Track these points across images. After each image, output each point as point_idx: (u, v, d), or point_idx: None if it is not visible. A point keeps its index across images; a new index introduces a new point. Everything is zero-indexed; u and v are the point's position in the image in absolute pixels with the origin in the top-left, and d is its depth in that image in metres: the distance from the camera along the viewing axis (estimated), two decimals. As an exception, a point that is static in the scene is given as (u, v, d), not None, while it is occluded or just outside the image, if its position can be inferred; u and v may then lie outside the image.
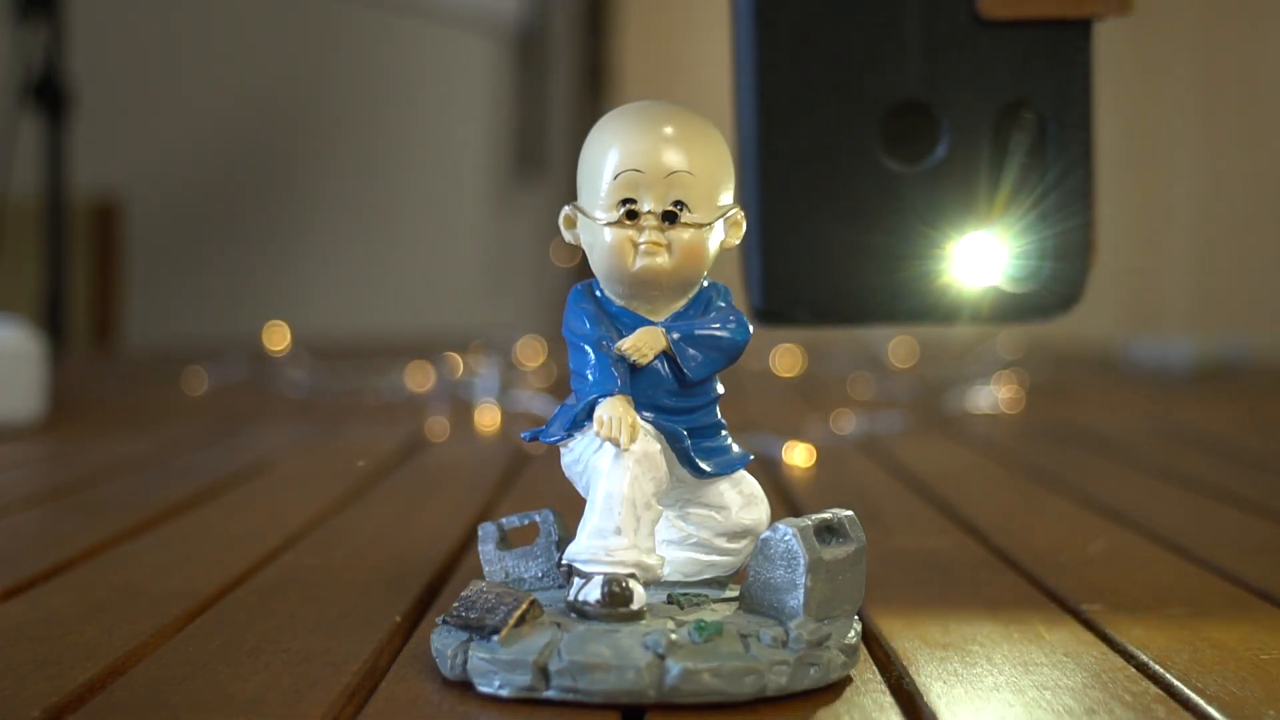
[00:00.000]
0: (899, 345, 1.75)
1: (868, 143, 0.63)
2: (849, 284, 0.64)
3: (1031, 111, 0.63)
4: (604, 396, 0.44)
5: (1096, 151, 0.64)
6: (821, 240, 0.64)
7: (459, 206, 3.26)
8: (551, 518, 0.49)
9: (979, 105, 0.63)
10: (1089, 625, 0.51)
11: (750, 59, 0.64)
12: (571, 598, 0.44)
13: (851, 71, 0.64)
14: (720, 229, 0.46)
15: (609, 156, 0.45)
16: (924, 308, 0.64)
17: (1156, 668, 0.45)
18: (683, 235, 0.45)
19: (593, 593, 0.43)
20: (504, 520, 0.50)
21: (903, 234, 0.63)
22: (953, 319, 0.64)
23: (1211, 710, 0.41)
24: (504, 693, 0.42)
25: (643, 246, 0.45)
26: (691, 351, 0.46)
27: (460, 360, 1.55)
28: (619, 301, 0.46)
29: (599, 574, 0.44)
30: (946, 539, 0.69)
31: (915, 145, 0.64)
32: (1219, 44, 2.56)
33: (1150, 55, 2.57)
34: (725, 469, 0.47)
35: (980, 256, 0.64)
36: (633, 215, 0.45)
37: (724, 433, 0.48)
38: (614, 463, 0.44)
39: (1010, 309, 0.64)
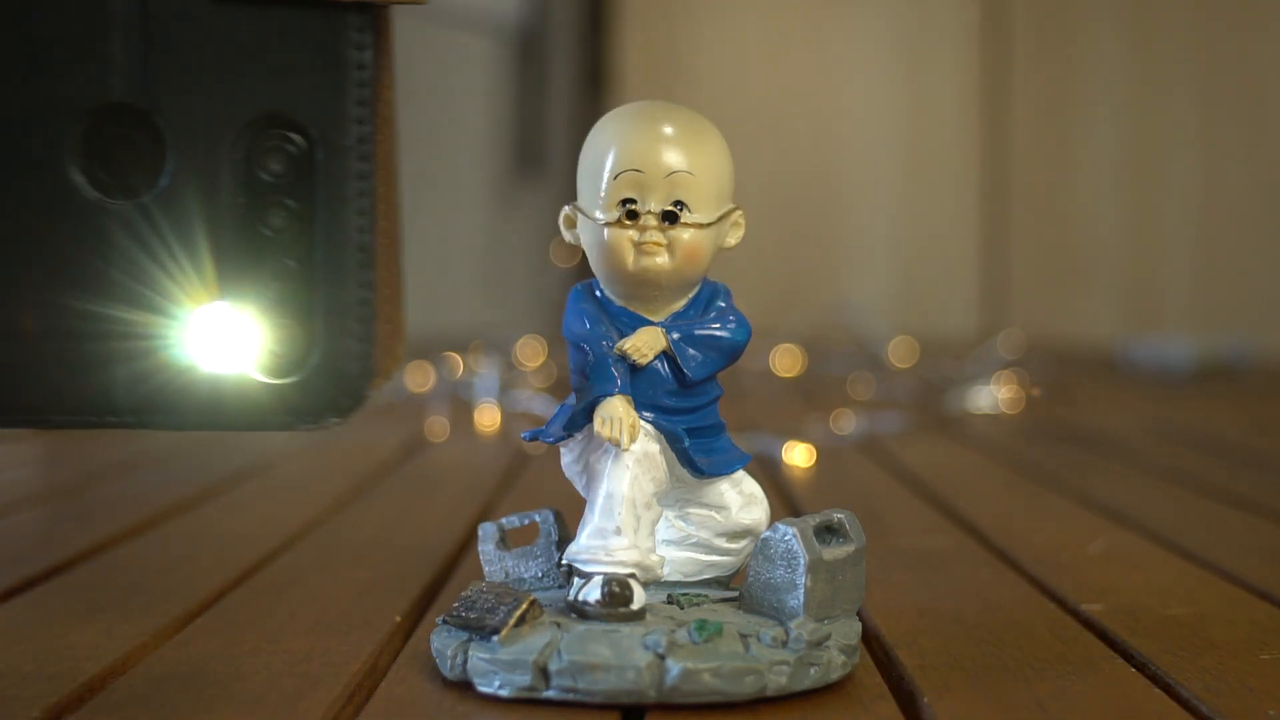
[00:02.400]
0: (899, 345, 1.75)
1: (59, 160, 0.44)
2: (25, 366, 0.44)
3: (292, 129, 0.44)
4: (604, 396, 0.45)
5: (392, 189, 0.47)
6: None
7: (459, 206, 3.26)
8: (551, 518, 0.49)
9: (216, 117, 0.44)
10: (1089, 625, 0.51)
11: None
12: (571, 598, 0.44)
13: (37, 55, 0.44)
14: (721, 229, 0.46)
15: (609, 156, 0.45)
16: (138, 403, 0.44)
17: (1156, 668, 0.45)
18: (683, 235, 0.45)
19: (593, 593, 0.43)
20: (504, 520, 0.50)
21: (107, 294, 0.44)
22: (175, 420, 0.45)
23: (1212, 710, 0.41)
24: (504, 693, 0.42)
25: (642, 246, 0.45)
26: (691, 351, 0.46)
27: (460, 360, 1.55)
28: (619, 301, 0.46)
29: (599, 574, 0.44)
30: (946, 539, 0.69)
31: (129, 169, 0.44)
32: (1219, 45, 2.56)
33: (1150, 55, 2.57)
34: (725, 469, 0.47)
35: (219, 333, 0.44)
36: (633, 215, 0.45)
37: (724, 433, 0.48)
38: (614, 463, 0.44)
39: (264, 409, 0.45)
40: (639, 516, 0.44)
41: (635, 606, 0.43)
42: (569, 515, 0.48)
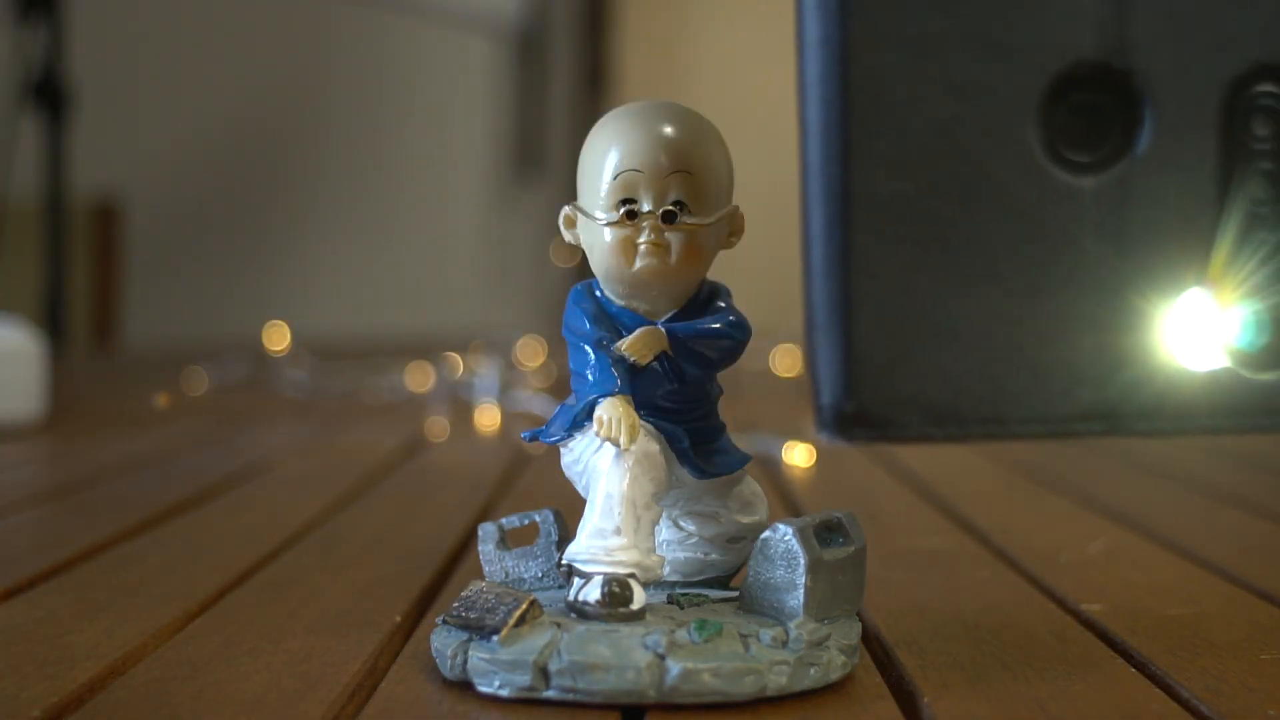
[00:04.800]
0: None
1: (1021, 134, 0.38)
2: (988, 371, 0.38)
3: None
4: (604, 396, 0.45)
5: None
6: (945, 297, 0.38)
7: (459, 206, 3.26)
8: (551, 518, 0.49)
9: (1197, 75, 0.38)
10: (1089, 625, 0.51)
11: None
12: (571, 598, 0.44)
13: (996, 17, 0.37)
14: (721, 229, 0.46)
15: (609, 156, 0.45)
16: (1107, 406, 0.39)
17: (1156, 668, 0.45)
18: (682, 235, 0.45)
19: (593, 593, 0.43)
20: (504, 520, 0.50)
21: (1072, 286, 0.38)
22: (1151, 424, 0.39)
23: (1212, 710, 0.41)
24: (504, 693, 0.42)
25: (643, 247, 0.45)
26: (692, 351, 0.46)
27: (460, 360, 1.55)
28: (619, 301, 0.46)
29: (599, 574, 0.44)
30: (946, 539, 0.69)
31: (1093, 140, 0.38)
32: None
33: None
34: (725, 469, 0.47)
35: (1198, 324, 0.39)
36: (633, 215, 0.45)
37: (724, 433, 0.48)
38: (614, 463, 0.44)
39: (1249, 405, 0.39)
40: (639, 516, 0.44)
41: (635, 606, 0.43)
42: (569, 515, 0.48)
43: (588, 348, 0.45)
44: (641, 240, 0.45)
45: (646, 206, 0.45)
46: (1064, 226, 0.38)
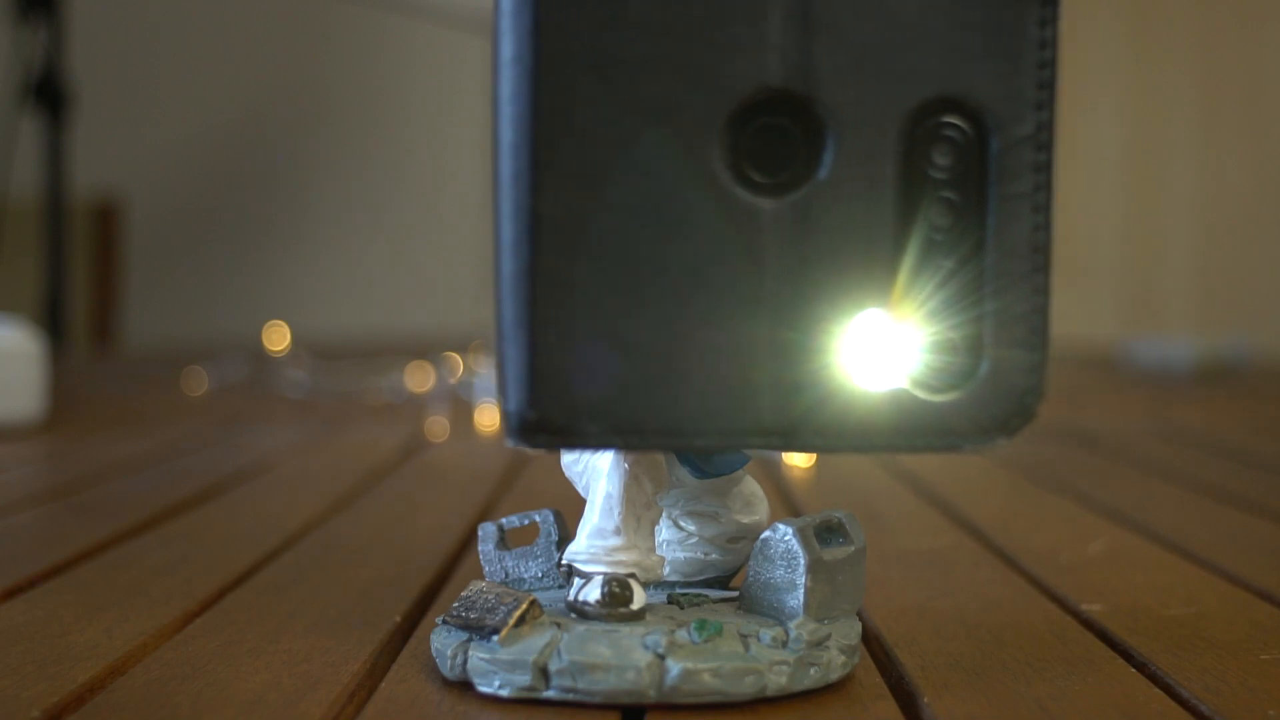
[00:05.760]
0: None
1: (705, 155, 0.38)
2: (667, 385, 0.39)
3: (962, 116, 0.39)
4: (604, 396, 0.44)
5: (1054, 184, 0.40)
6: (625, 311, 0.39)
7: (459, 206, 3.26)
8: (551, 518, 0.49)
9: (878, 103, 0.39)
10: (1089, 625, 0.51)
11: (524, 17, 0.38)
12: (571, 598, 0.44)
13: (684, 40, 0.38)
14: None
15: (609, 156, 0.45)
16: (787, 423, 0.40)
17: (1156, 668, 0.45)
18: (683, 235, 0.45)
19: (593, 593, 0.43)
20: (504, 520, 0.50)
21: (754, 304, 0.39)
22: (827, 441, 0.40)
23: (1212, 710, 0.41)
24: (504, 693, 0.42)
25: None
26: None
27: (460, 360, 1.55)
28: (619, 301, 0.46)
29: (599, 574, 0.44)
30: (946, 539, 0.69)
31: (778, 163, 0.39)
32: (1219, 44, 2.56)
33: (1150, 54, 2.57)
34: (725, 469, 0.47)
35: (875, 345, 0.39)
36: (633, 215, 0.45)
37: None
38: (614, 463, 0.44)
39: (925, 425, 0.40)
40: (639, 516, 0.44)
41: (635, 606, 0.43)
42: (569, 515, 0.48)
43: (588, 348, 0.45)
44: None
45: (646, 206, 0.45)
46: (746, 247, 0.39)
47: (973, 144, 0.39)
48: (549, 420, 0.39)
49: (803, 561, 0.43)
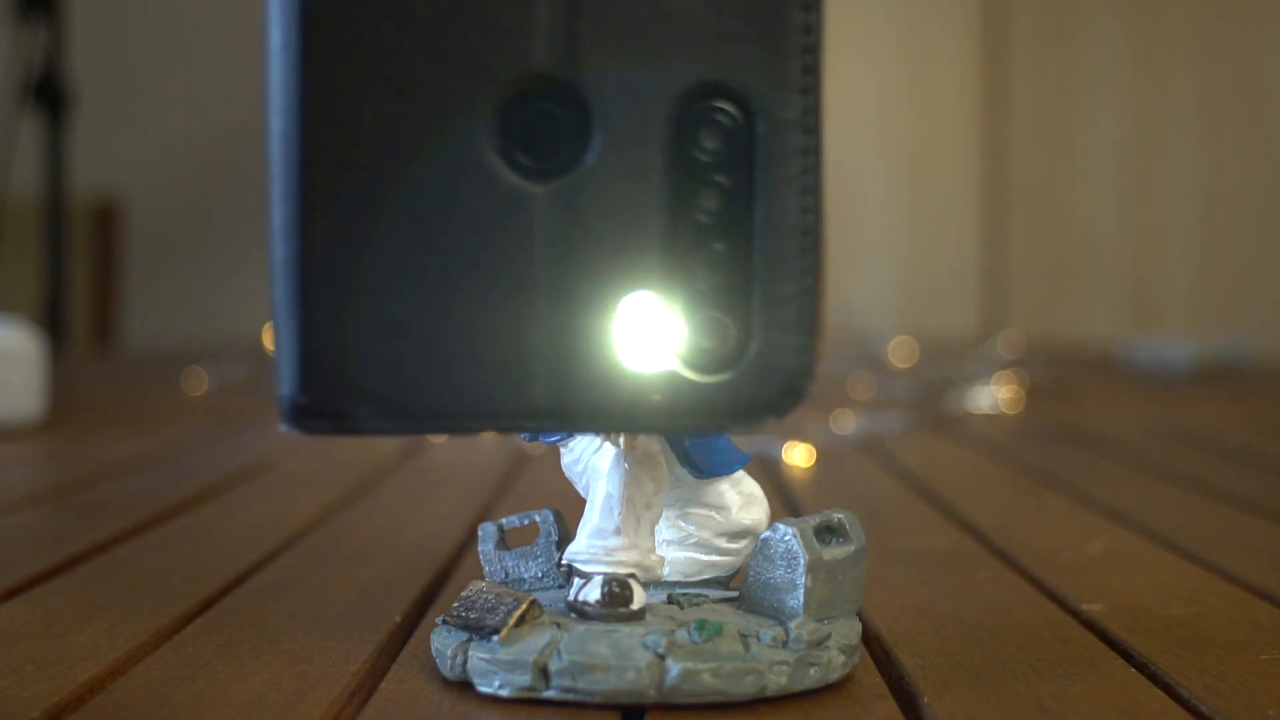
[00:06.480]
0: (899, 345, 1.75)
1: (475, 140, 0.39)
2: (440, 369, 0.39)
3: (729, 100, 0.39)
4: (604, 396, 0.44)
5: (821, 167, 0.41)
6: (397, 296, 0.39)
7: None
8: (551, 518, 0.49)
9: (645, 88, 0.39)
10: (1089, 625, 0.51)
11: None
12: (571, 598, 0.44)
13: (449, 27, 0.39)
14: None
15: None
16: (558, 405, 0.40)
17: (1156, 668, 0.45)
18: (683, 235, 0.45)
19: (593, 593, 0.43)
20: (504, 520, 0.50)
21: (524, 287, 0.39)
22: (597, 422, 0.40)
23: (1212, 710, 0.41)
24: (504, 693, 0.42)
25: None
26: (691, 351, 0.46)
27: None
28: (619, 301, 0.46)
29: (599, 574, 0.44)
30: (946, 539, 0.69)
31: (547, 147, 0.39)
32: (1219, 44, 2.56)
33: (1150, 55, 2.57)
34: (725, 469, 0.47)
35: (645, 327, 0.39)
36: (633, 215, 0.45)
37: (724, 433, 0.48)
38: (614, 463, 0.44)
39: (695, 406, 0.40)
40: (639, 516, 0.44)
41: (635, 606, 0.43)
42: (569, 515, 0.48)
43: (588, 348, 0.45)
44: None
45: (646, 206, 0.45)
46: (517, 231, 0.39)
47: (740, 128, 0.39)
48: (322, 405, 0.39)
49: (803, 561, 0.43)
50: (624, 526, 0.44)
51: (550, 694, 0.41)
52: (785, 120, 0.39)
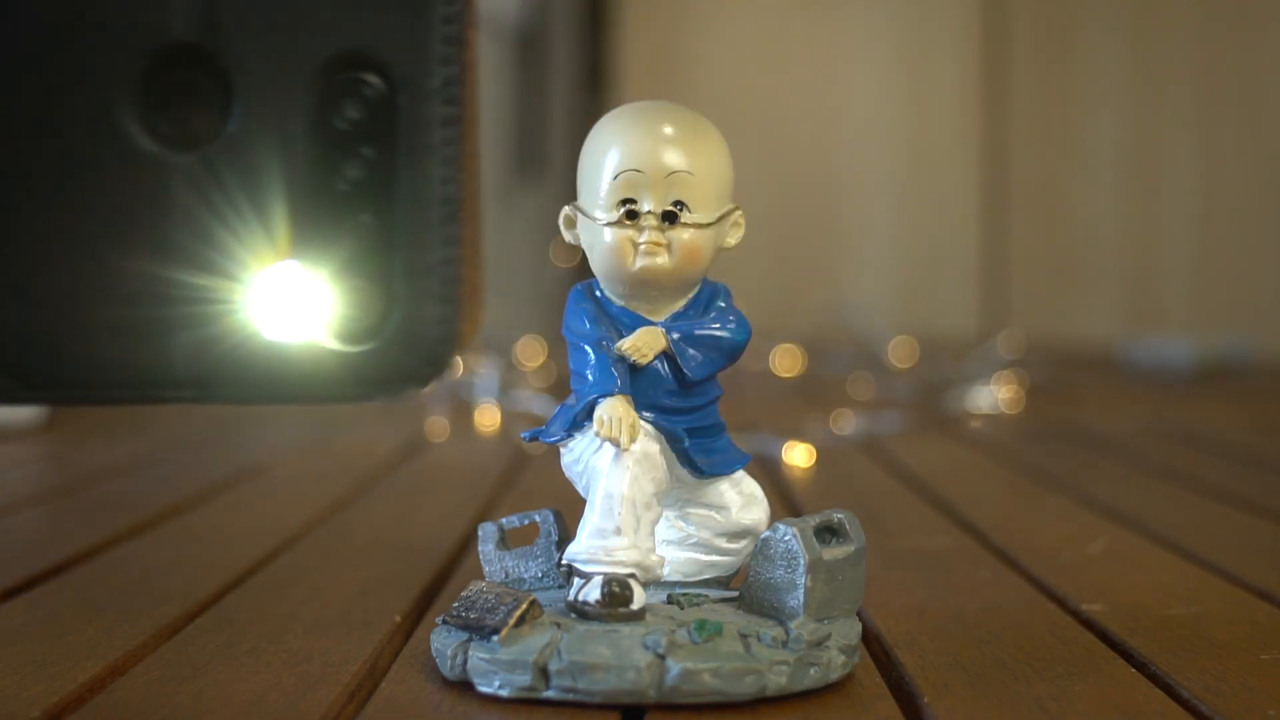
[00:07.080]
0: (899, 345, 1.75)
1: (114, 108, 0.39)
2: (78, 337, 0.39)
3: (370, 71, 0.40)
4: (604, 396, 0.45)
5: (473, 139, 0.41)
6: (34, 264, 0.39)
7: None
8: (551, 518, 0.49)
9: (286, 57, 0.39)
10: (1089, 625, 0.51)
11: None
12: (571, 598, 0.44)
13: None
14: (721, 229, 0.46)
15: (609, 157, 0.45)
16: (199, 374, 0.39)
17: (1156, 668, 0.45)
18: (682, 235, 0.45)
19: (593, 593, 0.43)
20: (504, 520, 0.50)
21: (165, 255, 0.39)
22: (240, 393, 0.40)
23: (1212, 710, 0.41)
24: (504, 693, 0.42)
25: (643, 246, 0.45)
26: (691, 352, 0.46)
27: (460, 360, 1.55)
28: (619, 301, 0.46)
29: (599, 574, 0.44)
30: (946, 539, 0.69)
31: (188, 116, 0.39)
32: (1219, 44, 2.56)
33: (1150, 55, 2.57)
34: (725, 469, 0.47)
35: (287, 296, 0.39)
36: (633, 215, 0.45)
37: (724, 433, 0.48)
38: (614, 463, 0.44)
39: (338, 376, 0.40)
40: (639, 516, 0.44)
41: (635, 606, 0.43)
42: (569, 515, 0.48)
43: (588, 348, 0.45)
44: (641, 240, 0.45)
45: (647, 207, 0.45)
46: (157, 199, 0.39)
47: (382, 98, 0.39)
48: None
49: (803, 561, 0.43)
50: (624, 526, 0.44)
51: (550, 694, 0.41)
52: (427, 90, 0.39)
